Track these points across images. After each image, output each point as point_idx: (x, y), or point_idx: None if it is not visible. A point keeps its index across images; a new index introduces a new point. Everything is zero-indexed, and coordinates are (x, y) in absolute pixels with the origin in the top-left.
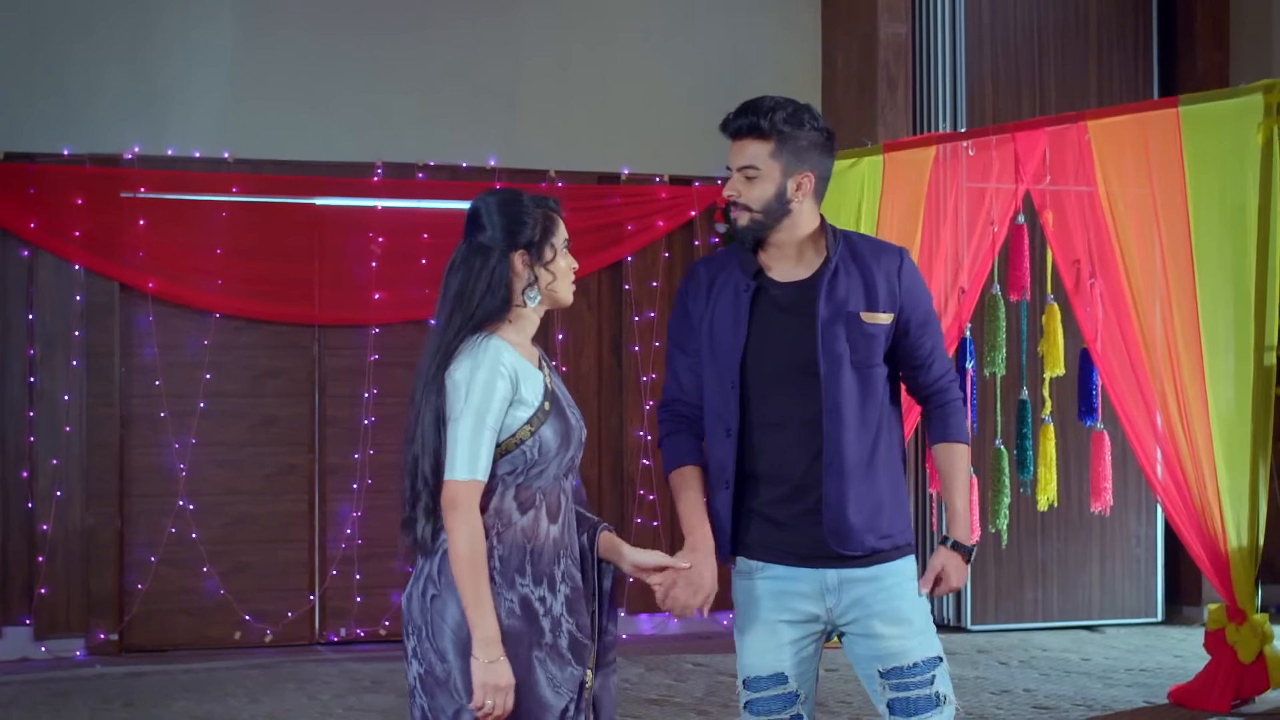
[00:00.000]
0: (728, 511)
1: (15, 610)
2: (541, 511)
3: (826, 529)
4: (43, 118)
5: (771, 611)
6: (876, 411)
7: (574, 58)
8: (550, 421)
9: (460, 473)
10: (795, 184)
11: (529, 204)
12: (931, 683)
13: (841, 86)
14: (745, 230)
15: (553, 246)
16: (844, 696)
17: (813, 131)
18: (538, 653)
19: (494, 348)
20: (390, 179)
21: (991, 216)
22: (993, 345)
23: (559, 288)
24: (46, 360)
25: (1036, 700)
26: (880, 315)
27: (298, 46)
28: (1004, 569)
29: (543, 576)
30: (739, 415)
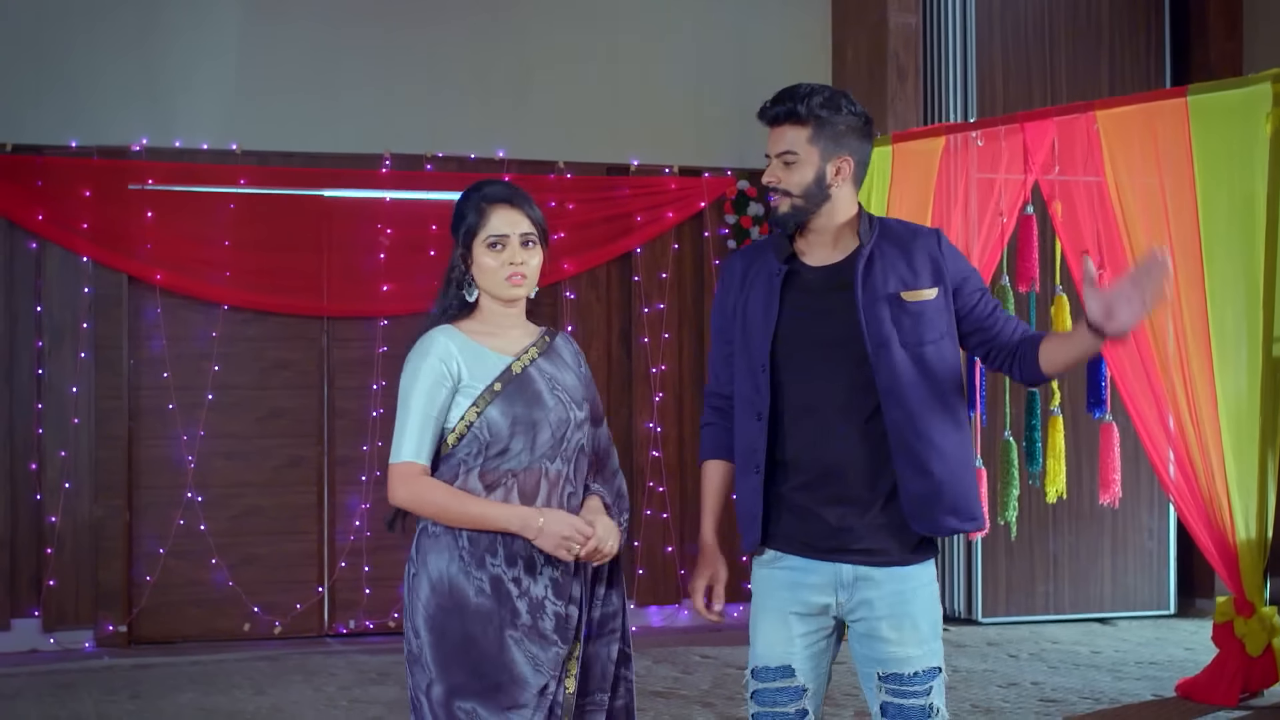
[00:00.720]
0: (758, 498)
1: (24, 602)
2: (513, 493)
3: (907, 511)
4: (50, 110)
5: (785, 602)
6: (944, 386)
7: (583, 48)
8: (498, 403)
9: (404, 455)
10: (834, 168)
11: (470, 198)
12: (928, 694)
13: (851, 77)
14: (786, 216)
15: (473, 246)
16: (850, 689)
17: (850, 116)
18: (512, 632)
19: (438, 340)
20: (398, 170)
21: (1000, 207)
22: None
23: (488, 285)
24: (54, 352)
25: (1044, 693)
26: (924, 291)
27: (305, 38)
28: (1015, 562)
29: (517, 558)
30: (770, 400)
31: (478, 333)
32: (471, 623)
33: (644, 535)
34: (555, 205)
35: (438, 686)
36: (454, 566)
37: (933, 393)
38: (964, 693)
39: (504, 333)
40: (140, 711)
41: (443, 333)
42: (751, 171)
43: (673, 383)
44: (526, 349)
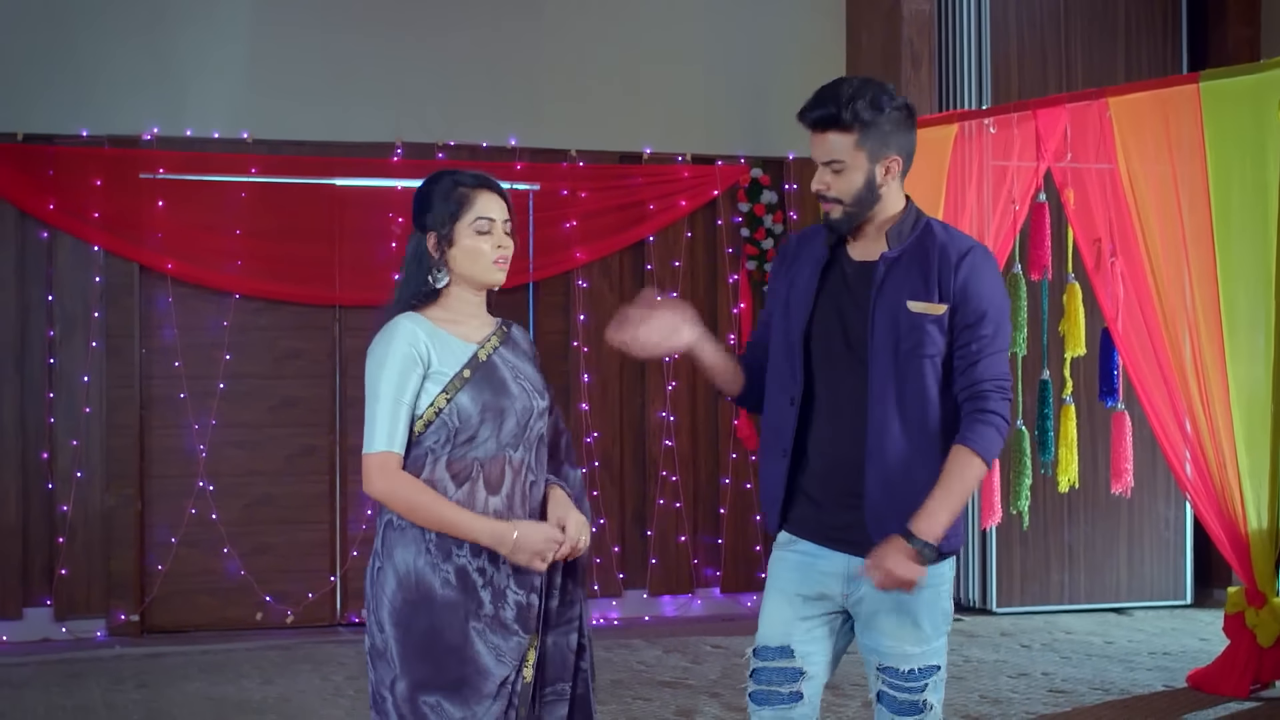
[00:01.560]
0: (781, 483)
1: (36, 591)
2: (479, 484)
3: (867, 515)
4: (61, 99)
5: (792, 584)
6: (927, 403)
7: (596, 36)
8: (468, 389)
9: (377, 445)
10: (884, 169)
11: (446, 185)
12: (923, 690)
13: (865, 64)
14: (839, 223)
15: (455, 230)
16: (858, 679)
17: (894, 112)
18: (475, 623)
19: (405, 326)
20: (410, 159)
21: (1013, 195)
22: (1014, 325)
23: (470, 269)
24: (66, 342)
25: (1054, 684)
26: (932, 305)
27: (317, 26)
28: (1030, 551)
29: (481, 549)
30: (803, 386)
31: (442, 320)
32: (438, 616)
33: (657, 525)
34: (568, 193)
35: (402, 682)
36: (421, 560)
37: (916, 408)
38: (973, 683)
39: (467, 321)
40: (147, 701)
41: (409, 319)
42: (765, 159)
43: (686, 372)
44: (488, 337)
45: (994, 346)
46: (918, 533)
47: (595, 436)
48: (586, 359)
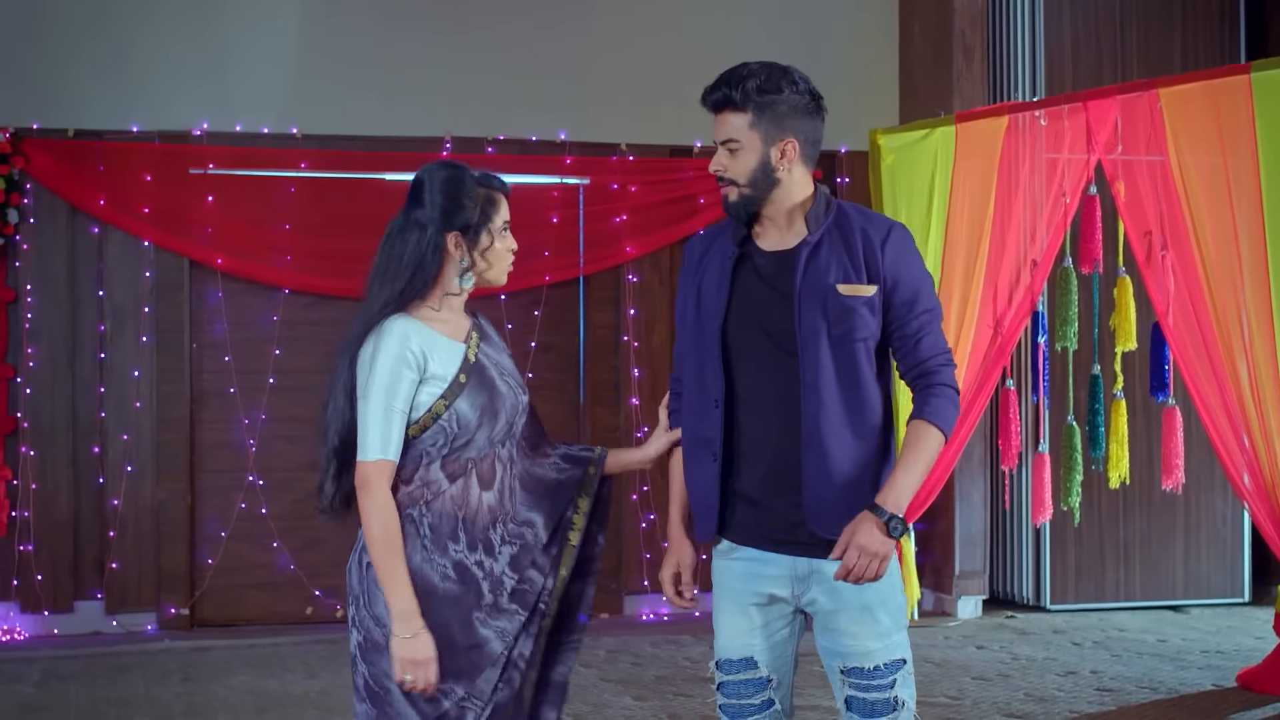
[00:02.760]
0: (715, 487)
1: (87, 584)
2: (472, 479)
3: (807, 509)
4: (111, 95)
5: (743, 594)
6: (860, 389)
7: (645, 28)
8: (466, 394)
9: (370, 453)
10: (779, 152)
11: (471, 183)
12: (891, 687)
13: (917, 56)
14: (735, 205)
15: (490, 231)
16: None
17: (793, 95)
18: (478, 613)
19: (399, 329)
20: (459, 153)
21: (1063, 187)
22: (1064, 319)
23: (493, 273)
24: (117, 336)
25: (1102, 682)
26: (861, 287)
27: (366, 20)
28: (1084, 548)
29: (478, 542)
30: (724, 388)
31: (431, 319)
32: (442, 609)
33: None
34: (618, 187)
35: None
36: (417, 555)
37: (850, 393)
38: (1020, 681)
39: (451, 318)
40: (190, 694)
41: (401, 320)
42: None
43: None
44: (469, 333)
45: (932, 322)
46: (885, 505)
47: (645, 431)
48: (637, 353)
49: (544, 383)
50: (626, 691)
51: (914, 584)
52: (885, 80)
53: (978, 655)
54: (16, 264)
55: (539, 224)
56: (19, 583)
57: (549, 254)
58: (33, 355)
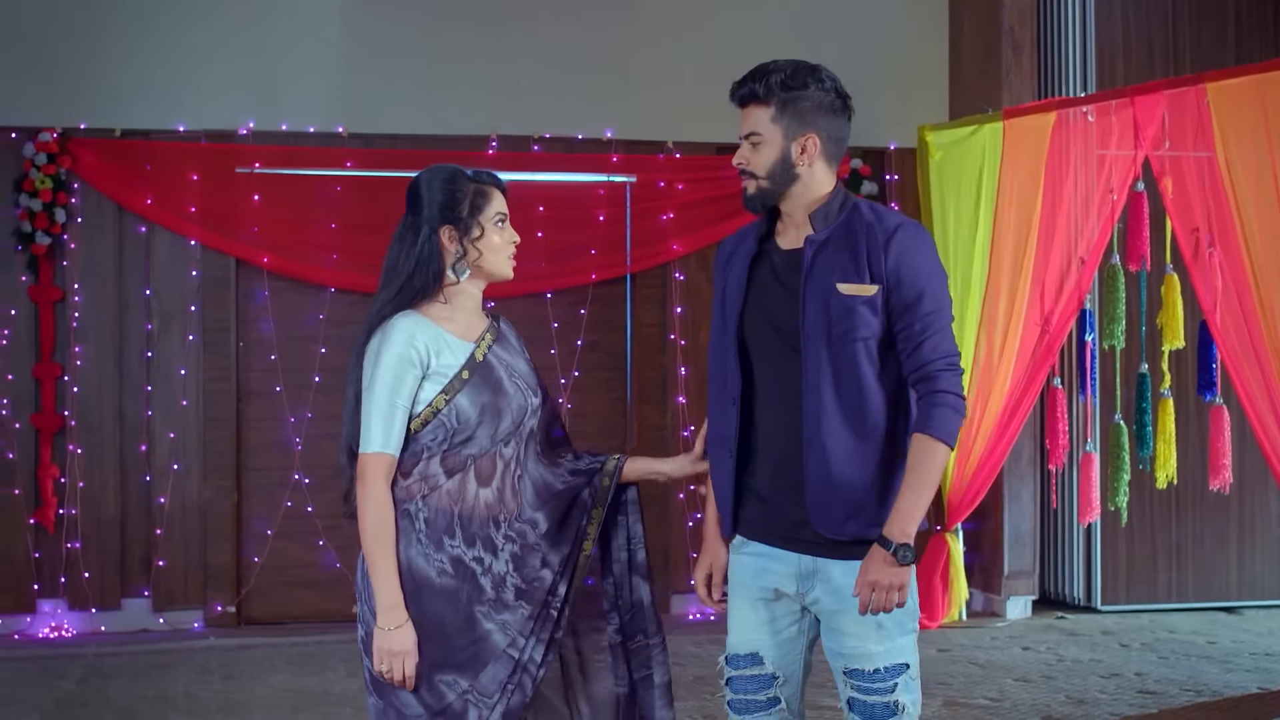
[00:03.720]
0: (730, 484)
1: (134, 582)
2: (469, 475)
3: (809, 508)
4: (158, 95)
5: (752, 589)
6: (864, 388)
7: (691, 26)
8: (468, 391)
9: (372, 445)
10: (800, 147)
11: (462, 179)
12: (892, 690)
13: (966, 52)
14: (753, 198)
15: (481, 223)
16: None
17: (818, 92)
18: (480, 607)
19: (404, 326)
20: (505, 151)
21: (1111, 184)
22: (1112, 317)
23: (490, 263)
24: (163, 335)
25: (1145, 684)
26: (862, 286)
27: (411, 19)
28: (1136, 548)
29: (475, 539)
30: (741, 385)
31: (440, 318)
32: (438, 603)
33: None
34: (664, 185)
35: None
36: (413, 550)
37: (851, 393)
38: (1063, 683)
39: (463, 317)
40: (229, 691)
41: (406, 318)
42: (865, 150)
43: None
44: (483, 335)
45: (938, 324)
46: (891, 536)
47: (691, 430)
48: (684, 352)
49: (591, 381)
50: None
51: (962, 584)
52: (935, 77)
53: (1022, 656)
54: (64, 263)
55: (585, 222)
56: (67, 580)
57: (595, 252)
58: (80, 354)
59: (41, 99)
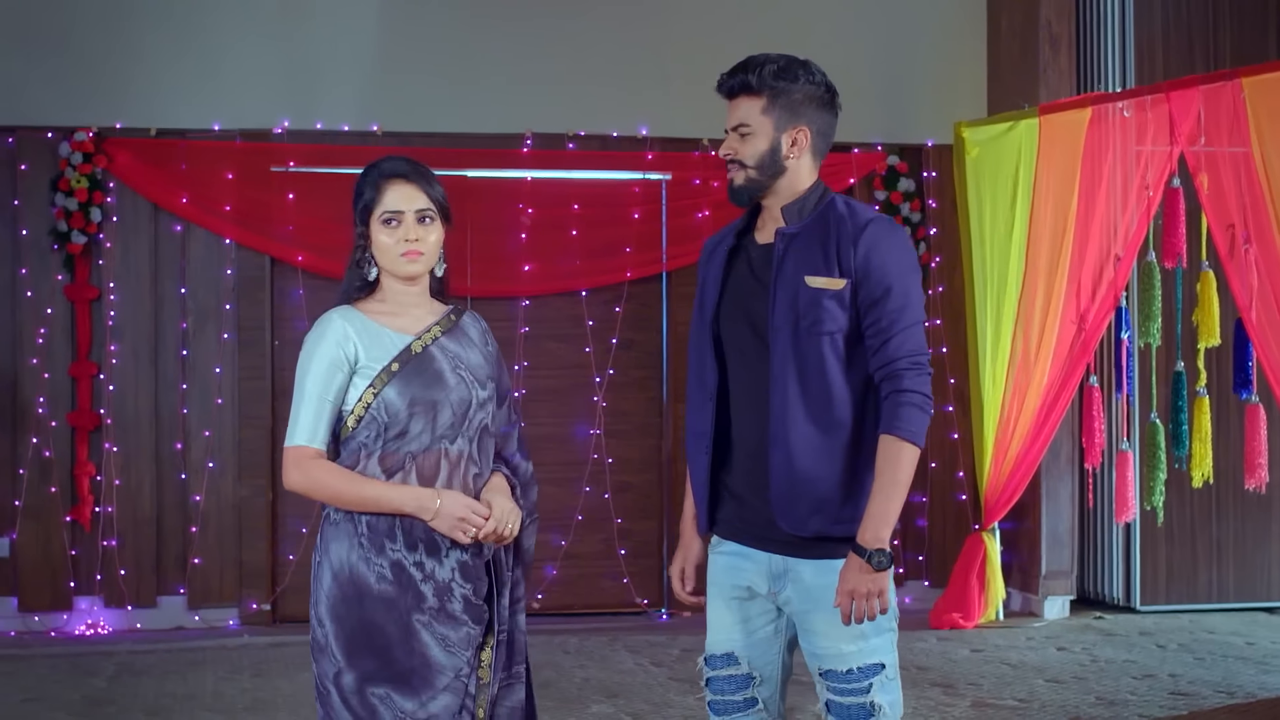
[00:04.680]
0: (706, 481)
1: (170, 579)
2: (410, 475)
3: (774, 505)
4: (193, 94)
5: (726, 589)
6: (830, 383)
7: (727, 22)
8: (395, 383)
9: (296, 438)
10: (790, 139)
11: (367, 176)
12: (867, 691)
13: (1004, 48)
14: (741, 189)
15: (369, 223)
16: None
17: (808, 85)
18: (419, 616)
19: (337, 322)
20: (540, 149)
21: (1146, 180)
22: (1148, 314)
23: (384, 262)
24: (199, 333)
25: (1178, 686)
26: (829, 280)
27: (445, 17)
28: (1176, 548)
29: (418, 542)
30: (718, 380)
31: (378, 313)
32: (374, 611)
33: None
34: (700, 183)
35: (348, 675)
36: (354, 554)
37: (817, 388)
38: (1094, 684)
39: (406, 312)
40: (256, 689)
41: (340, 314)
42: (902, 146)
43: None
44: (429, 328)
45: (904, 320)
46: (865, 543)
47: None
48: None
49: (626, 380)
50: (691, 691)
51: (999, 584)
52: (974, 74)
53: (1056, 657)
54: (100, 262)
55: (620, 220)
56: (103, 577)
57: (630, 250)
58: (116, 352)
59: (77, 99)
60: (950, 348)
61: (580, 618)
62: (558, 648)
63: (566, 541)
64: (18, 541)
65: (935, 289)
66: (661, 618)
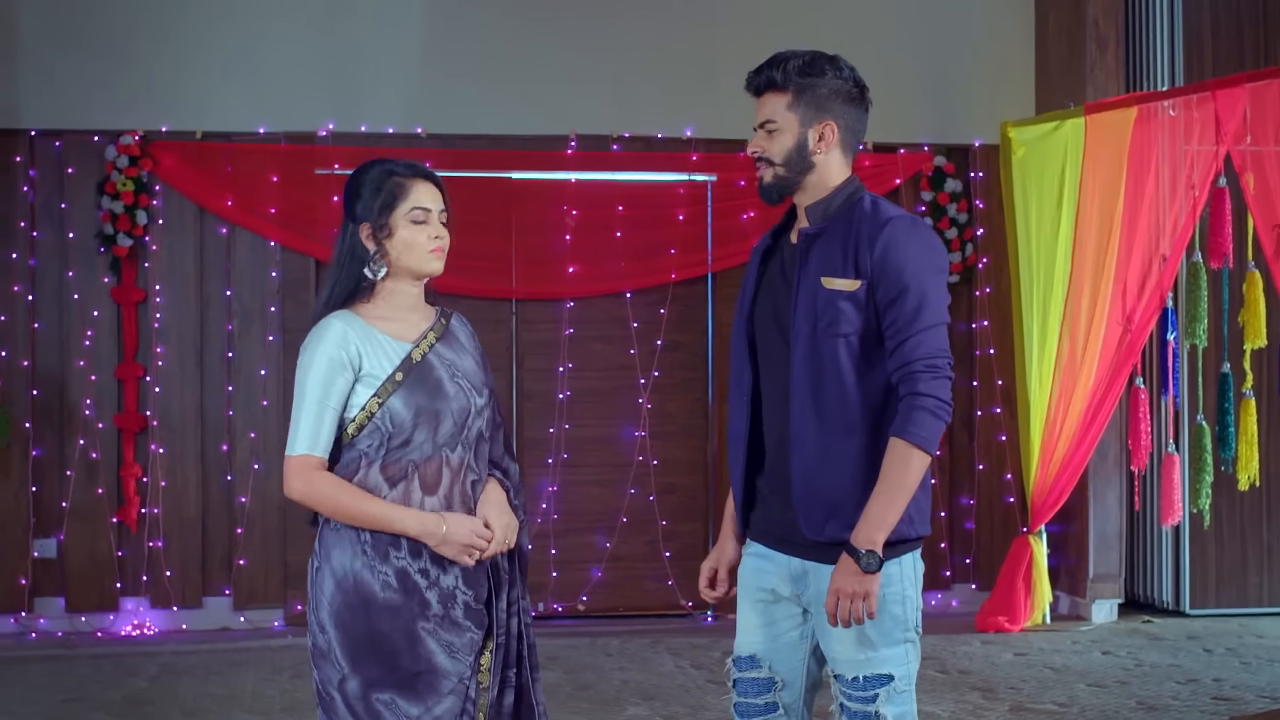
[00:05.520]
0: (742, 482)
1: (216, 580)
2: (414, 484)
3: (795, 507)
4: (238, 97)
5: (752, 590)
6: (845, 386)
7: (772, 23)
8: (401, 393)
9: (298, 448)
10: (817, 134)
11: (379, 174)
12: (873, 701)
13: (1052, 47)
14: (770, 186)
15: (391, 221)
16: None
17: (835, 80)
18: (424, 623)
19: (336, 327)
20: (584, 151)
21: (1192, 179)
22: (1194, 315)
23: (409, 260)
24: (244, 335)
25: (1221, 690)
26: (845, 281)
27: (489, 19)
28: (1226, 551)
29: (422, 549)
30: (752, 381)
31: (375, 318)
32: (379, 618)
33: None
34: (745, 184)
35: (352, 680)
36: (357, 562)
37: (833, 391)
38: (1136, 688)
39: (402, 316)
40: (294, 690)
41: (340, 319)
42: (949, 146)
43: None
44: (425, 334)
45: (921, 322)
46: (858, 544)
47: None
48: None
49: (671, 381)
50: (729, 693)
51: (1045, 587)
52: (1022, 73)
53: (1100, 661)
54: (146, 264)
55: (665, 221)
56: (149, 578)
57: (675, 251)
58: (162, 354)
59: (123, 102)
60: (998, 349)
61: (624, 620)
62: (600, 650)
63: (611, 544)
64: (65, 542)
65: (983, 290)
66: (706, 620)
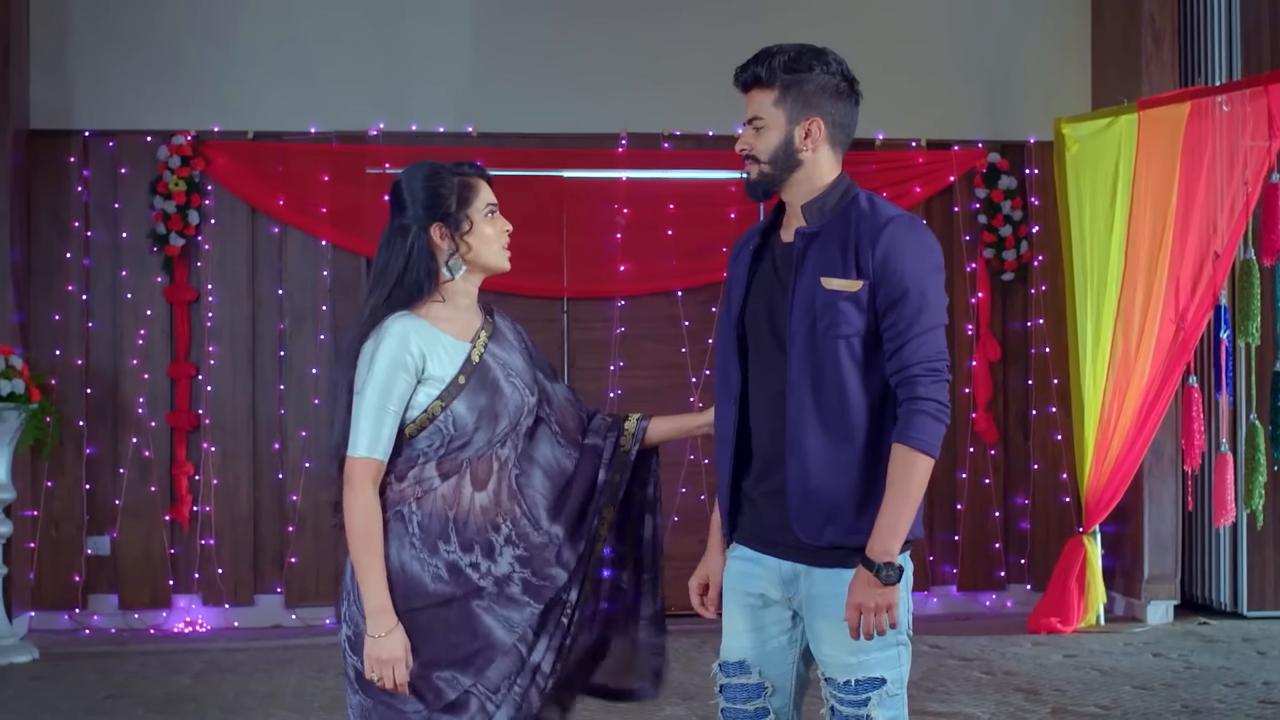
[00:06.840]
0: (729, 486)
1: (267, 578)
2: (465, 479)
3: (791, 512)
4: (290, 97)
5: (740, 595)
6: (845, 389)
7: (825, 19)
8: (464, 396)
9: (359, 450)
10: (803, 131)
11: (445, 174)
12: (865, 704)
13: (1108, 43)
14: (754, 184)
15: (470, 215)
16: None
17: (823, 75)
18: (479, 602)
19: (399, 329)
20: (635, 149)
21: (1244, 175)
22: (1246, 313)
23: (484, 255)
24: (295, 334)
25: (1270, 694)
26: (846, 281)
27: (540, 18)
28: None
29: (472, 544)
30: (740, 383)
31: (437, 318)
32: (434, 607)
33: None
34: None
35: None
36: (406, 553)
37: (832, 393)
38: (1183, 691)
39: (459, 316)
40: (335, 689)
41: (401, 320)
42: (1004, 144)
43: None
44: (477, 333)
45: (921, 325)
46: (873, 556)
47: None
48: None
49: None
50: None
51: (1099, 588)
52: (1077, 69)
53: (1150, 663)
54: (198, 264)
55: (716, 219)
56: (201, 576)
57: (726, 250)
58: (214, 353)
59: (175, 103)
60: (1052, 347)
61: (673, 619)
62: None
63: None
64: (118, 540)
65: (1038, 287)
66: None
